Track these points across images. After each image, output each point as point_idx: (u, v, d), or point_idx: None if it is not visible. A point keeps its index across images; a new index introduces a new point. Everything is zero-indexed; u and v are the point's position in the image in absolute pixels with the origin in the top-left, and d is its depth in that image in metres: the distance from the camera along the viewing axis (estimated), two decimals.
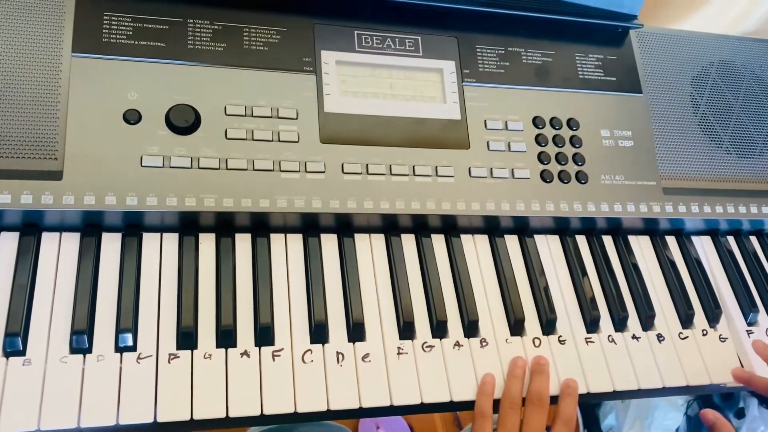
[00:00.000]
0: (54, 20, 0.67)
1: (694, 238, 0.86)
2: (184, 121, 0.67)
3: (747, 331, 0.79)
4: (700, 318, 0.79)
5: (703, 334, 0.77)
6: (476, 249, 0.76)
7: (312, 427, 0.90)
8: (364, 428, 1.54)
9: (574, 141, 0.80)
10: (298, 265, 0.69)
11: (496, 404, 0.67)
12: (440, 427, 1.61)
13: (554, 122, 0.80)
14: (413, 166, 0.73)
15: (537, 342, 0.71)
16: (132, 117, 0.66)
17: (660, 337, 0.75)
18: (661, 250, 0.82)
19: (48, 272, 0.62)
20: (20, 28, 0.66)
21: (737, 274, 0.83)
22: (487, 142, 0.77)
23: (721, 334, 0.78)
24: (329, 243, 0.71)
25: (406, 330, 0.68)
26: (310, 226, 0.71)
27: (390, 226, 0.74)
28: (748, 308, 0.80)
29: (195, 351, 0.61)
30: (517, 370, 0.68)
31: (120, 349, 0.60)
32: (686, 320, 0.77)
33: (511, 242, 0.78)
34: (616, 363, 0.72)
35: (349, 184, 0.70)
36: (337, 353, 0.65)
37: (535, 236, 0.79)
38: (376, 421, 1.49)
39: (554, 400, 0.69)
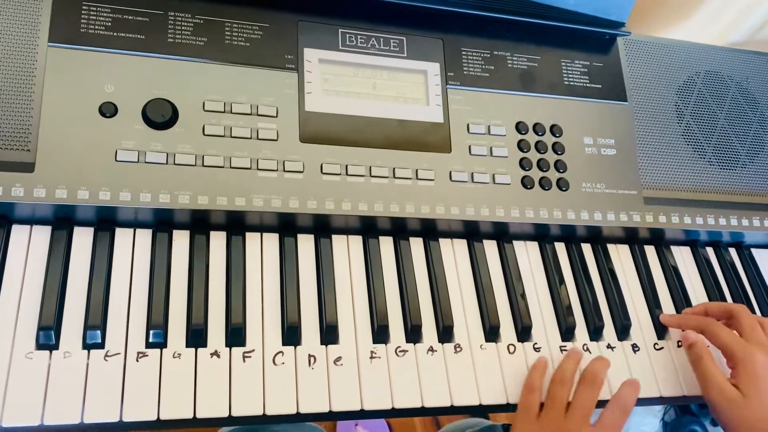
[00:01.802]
0: (31, 9, 0.65)
1: (674, 249, 0.86)
2: (161, 116, 0.66)
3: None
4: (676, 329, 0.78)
5: (679, 345, 0.77)
6: (454, 253, 0.76)
7: (286, 427, 0.90)
8: (342, 425, 1.54)
9: (557, 148, 0.79)
10: (273, 266, 0.68)
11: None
12: (419, 425, 1.62)
13: (537, 128, 0.79)
14: (393, 169, 0.72)
15: (512, 349, 0.71)
16: (108, 110, 0.65)
17: (635, 348, 0.75)
18: (640, 259, 0.82)
19: (17, 265, 0.61)
20: None
21: (715, 286, 0.83)
22: (469, 147, 0.76)
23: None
24: (306, 243, 0.71)
25: (380, 334, 0.67)
26: (286, 226, 0.70)
27: (368, 228, 0.73)
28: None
29: (164, 350, 0.61)
30: (577, 355, 0.70)
31: (88, 346, 0.59)
32: (662, 330, 0.77)
33: (490, 248, 0.77)
34: None
35: (328, 184, 0.69)
36: (309, 356, 0.64)
37: (514, 242, 0.78)
38: None
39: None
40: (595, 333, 0.75)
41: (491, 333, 0.71)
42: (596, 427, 0.64)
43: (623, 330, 0.76)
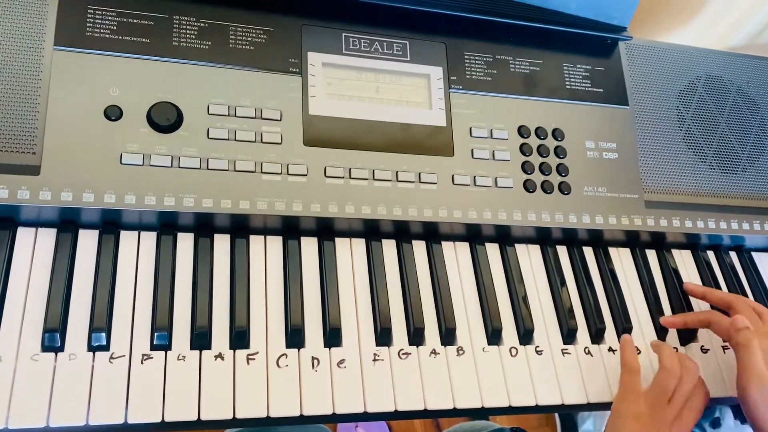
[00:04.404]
0: (37, 12, 0.66)
1: (675, 252, 0.86)
2: (165, 119, 0.66)
3: (723, 346, 0.79)
4: (676, 332, 0.79)
5: (679, 348, 0.77)
6: (457, 256, 0.76)
7: (290, 428, 0.90)
8: (342, 425, 1.54)
9: (559, 151, 0.80)
10: (277, 268, 0.69)
11: None
12: (419, 426, 1.62)
13: (539, 132, 0.80)
14: (396, 172, 0.73)
15: (514, 351, 0.71)
16: (113, 113, 0.65)
17: (636, 350, 0.75)
18: (641, 263, 0.83)
19: (22, 268, 0.62)
20: (1, 19, 0.64)
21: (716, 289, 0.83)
22: (472, 150, 0.76)
23: (699, 348, 0.78)
24: (309, 246, 0.71)
25: (383, 336, 0.68)
26: (290, 229, 0.70)
27: (371, 231, 0.73)
28: None
29: (169, 352, 0.61)
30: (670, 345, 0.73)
31: (93, 349, 0.59)
32: (662, 333, 0.78)
33: (492, 251, 0.78)
34: (592, 375, 0.72)
35: (331, 188, 0.70)
36: (313, 358, 0.64)
37: (516, 245, 0.79)
38: None
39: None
40: (597, 336, 0.75)
41: (493, 336, 0.71)
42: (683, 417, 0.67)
43: (625, 332, 0.76)
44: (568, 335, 0.74)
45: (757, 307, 0.74)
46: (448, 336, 0.70)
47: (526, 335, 0.73)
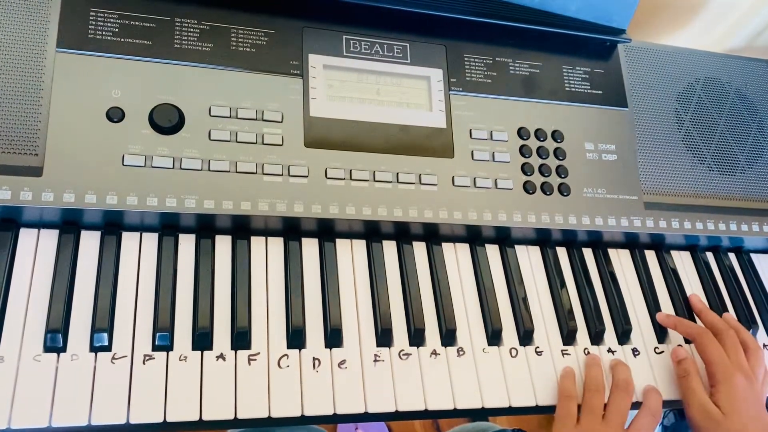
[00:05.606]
0: (39, 14, 0.66)
1: (674, 253, 0.87)
2: (167, 121, 0.67)
3: None
4: (676, 333, 0.79)
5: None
6: (457, 258, 0.76)
7: (290, 429, 0.90)
8: (342, 426, 1.54)
9: (558, 153, 0.80)
10: (278, 269, 0.69)
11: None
12: (419, 427, 1.62)
13: (539, 134, 0.80)
14: (397, 173, 0.73)
15: (514, 352, 0.72)
16: (115, 115, 0.66)
17: (635, 352, 0.76)
18: (640, 264, 0.83)
19: (24, 268, 0.62)
20: (4, 21, 0.65)
21: (715, 291, 0.84)
22: (472, 152, 0.77)
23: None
24: (310, 247, 0.71)
25: (384, 337, 0.68)
26: (291, 230, 0.71)
27: (372, 233, 0.74)
28: None
29: (170, 352, 0.61)
30: (597, 359, 0.72)
31: (95, 349, 0.60)
32: (662, 334, 0.78)
33: (492, 252, 0.78)
34: None
35: (332, 189, 0.70)
36: (314, 359, 0.65)
37: (516, 247, 0.79)
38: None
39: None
40: (596, 337, 0.75)
41: (494, 337, 0.72)
42: None
43: (624, 334, 0.76)
44: (568, 336, 0.74)
45: (746, 339, 0.75)
46: (448, 337, 0.70)
47: (526, 336, 0.73)
